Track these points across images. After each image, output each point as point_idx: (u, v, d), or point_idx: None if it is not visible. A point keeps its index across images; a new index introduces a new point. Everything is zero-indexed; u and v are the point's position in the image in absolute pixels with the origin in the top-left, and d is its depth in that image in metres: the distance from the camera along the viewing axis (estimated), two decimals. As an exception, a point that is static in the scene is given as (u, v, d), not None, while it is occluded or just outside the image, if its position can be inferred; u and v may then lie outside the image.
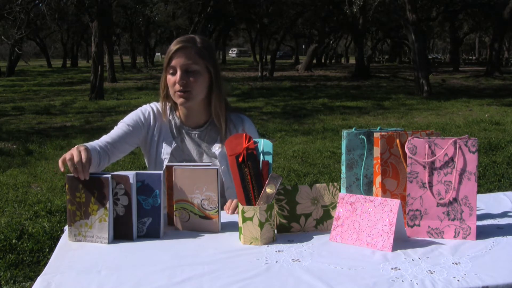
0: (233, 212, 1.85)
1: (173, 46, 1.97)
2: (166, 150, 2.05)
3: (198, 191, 1.65)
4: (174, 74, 1.97)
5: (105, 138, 1.96)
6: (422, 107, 12.77)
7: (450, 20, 30.02)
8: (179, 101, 1.99)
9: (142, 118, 2.07)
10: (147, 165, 2.17)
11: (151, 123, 2.08)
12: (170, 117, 2.10)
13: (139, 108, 2.12)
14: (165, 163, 2.01)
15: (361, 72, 24.82)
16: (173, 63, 1.96)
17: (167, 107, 2.10)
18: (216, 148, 2.05)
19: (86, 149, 1.65)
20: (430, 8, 27.07)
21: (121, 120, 2.07)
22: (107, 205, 1.57)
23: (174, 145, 2.05)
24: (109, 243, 1.57)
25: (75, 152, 1.61)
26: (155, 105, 2.12)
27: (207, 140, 2.08)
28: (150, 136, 2.08)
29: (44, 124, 10.46)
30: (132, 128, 2.03)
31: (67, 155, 1.60)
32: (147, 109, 2.10)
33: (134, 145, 2.07)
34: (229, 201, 1.91)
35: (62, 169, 1.59)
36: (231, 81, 21.75)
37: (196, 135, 2.08)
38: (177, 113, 2.10)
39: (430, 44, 54.45)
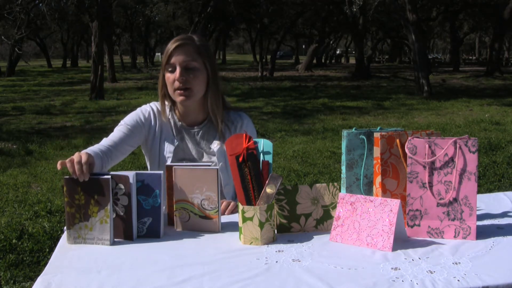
0: (230, 213, 1.85)
1: (172, 44, 1.97)
2: (168, 149, 2.05)
3: (198, 191, 1.65)
4: (173, 71, 1.97)
5: (106, 142, 1.95)
6: (422, 107, 12.77)
7: (450, 20, 30.01)
8: (179, 99, 1.99)
9: (142, 118, 2.07)
10: (148, 165, 2.16)
11: (152, 123, 2.08)
12: (170, 116, 2.09)
13: (139, 108, 2.11)
14: (168, 162, 2.01)
15: (361, 72, 24.82)
16: (172, 60, 1.96)
17: (166, 106, 2.09)
18: (215, 145, 2.05)
19: (88, 153, 1.63)
20: (430, 8, 27.09)
21: (121, 121, 2.06)
22: (108, 206, 1.55)
23: (176, 143, 2.05)
24: (110, 244, 1.56)
25: (75, 155, 1.60)
26: (155, 105, 2.12)
27: (206, 138, 2.08)
28: (151, 136, 2.08)
29: (44, 124, 10.46)
30: (132, 129, 2.03)
31: (67, 159, 1.59)
32: (147, 109, 2.10)
33: (135, 146, 2.07)
34: (225, 203, 1.90)
35: (59, 167, 1.57)
36: (231, 81, 21.75)
37: (195, 133, 2.08)
38: (176, 112, 2.10)
39: (430, 44, 54.39)
